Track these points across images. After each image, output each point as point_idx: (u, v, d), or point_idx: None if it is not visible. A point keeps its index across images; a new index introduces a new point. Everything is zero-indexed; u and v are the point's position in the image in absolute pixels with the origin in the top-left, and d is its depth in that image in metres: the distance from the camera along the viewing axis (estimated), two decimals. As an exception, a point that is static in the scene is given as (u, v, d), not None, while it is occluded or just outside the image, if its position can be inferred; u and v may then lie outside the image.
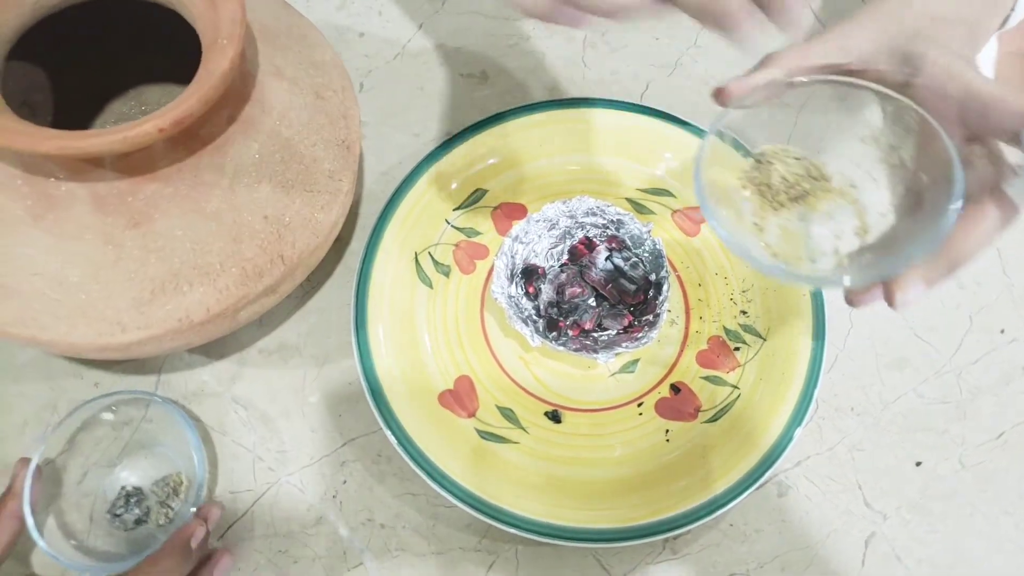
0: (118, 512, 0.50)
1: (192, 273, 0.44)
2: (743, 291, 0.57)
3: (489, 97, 0.66)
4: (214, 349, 0.55)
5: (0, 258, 0.42)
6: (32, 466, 0.46)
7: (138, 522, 0.50)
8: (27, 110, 0.53)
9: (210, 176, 0.44)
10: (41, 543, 0.46)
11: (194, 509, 0.48)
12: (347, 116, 0.51)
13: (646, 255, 0.56)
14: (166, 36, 0.53)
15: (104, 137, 0.39)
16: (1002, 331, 0.58)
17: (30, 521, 0.46)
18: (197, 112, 0.40)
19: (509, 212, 0.59)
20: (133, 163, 0.42)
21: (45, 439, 0.48)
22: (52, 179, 0.42)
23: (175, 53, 0.55)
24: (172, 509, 0.50)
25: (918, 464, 0.54)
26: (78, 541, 0.48)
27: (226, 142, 0.45)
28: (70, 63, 0.55)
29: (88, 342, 0.43)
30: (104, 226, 0.42)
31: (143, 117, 0.40)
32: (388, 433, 0.50)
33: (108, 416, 0.51)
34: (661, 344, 0.56)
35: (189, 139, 0.43)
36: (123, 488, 0.51)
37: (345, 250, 0.59)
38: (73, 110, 0.57)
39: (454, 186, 0.59)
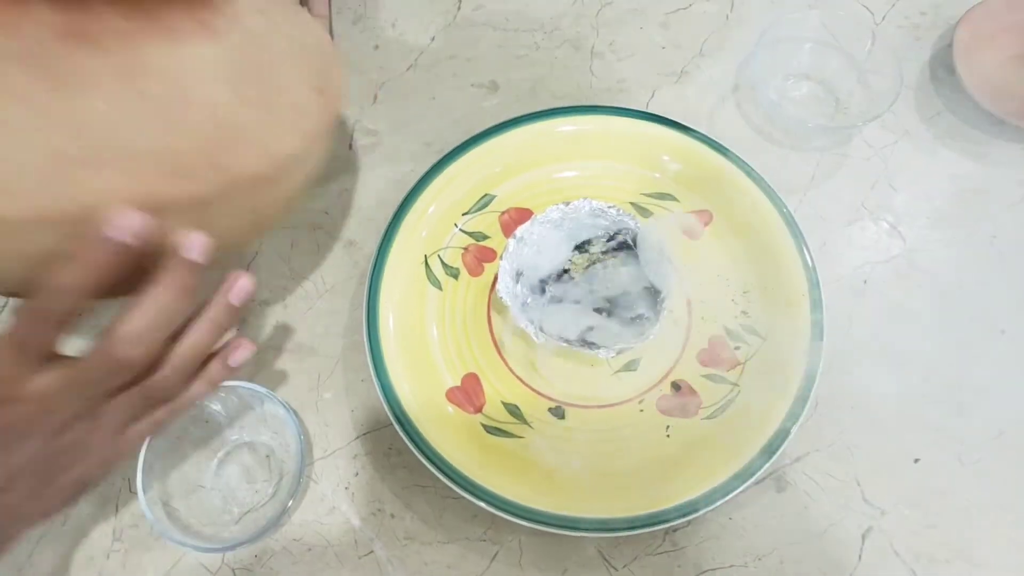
0: (226, 502, 0.53)
1: (108, 155, 0.37)
2: (744, 292, 0.59)
3: (499, 106, 0.68)
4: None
5: None
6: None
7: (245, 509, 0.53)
8: None
9: (159, 61, 0.38)
10: (164, 533, 0.48)
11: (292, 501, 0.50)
12: (329, 72, 0.48)
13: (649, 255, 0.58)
14: None
15: None
16: (1003, 331, 0.59)
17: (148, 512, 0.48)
18: None
19: (516, 217, 0.61)
20: (75, 24, 0.37)
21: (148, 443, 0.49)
22: None
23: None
24: (260, 483, 0.52)
25: (916, 461, 0.55)
26: (195, 531, 0.51)
27: (183, 36, 0.40)
28: None
29: None
30: (22, 81, 0.36)
31: None
32: (398, 428, 0.52)
33: (202, 409, 0.53)
34: (663, 342, 0.57)
35: (144, 17, 0.38)
36: (222, 476, 0.54)
37: (358, 253, 0.61)
38: None
39: (463, 192, 0.61)
